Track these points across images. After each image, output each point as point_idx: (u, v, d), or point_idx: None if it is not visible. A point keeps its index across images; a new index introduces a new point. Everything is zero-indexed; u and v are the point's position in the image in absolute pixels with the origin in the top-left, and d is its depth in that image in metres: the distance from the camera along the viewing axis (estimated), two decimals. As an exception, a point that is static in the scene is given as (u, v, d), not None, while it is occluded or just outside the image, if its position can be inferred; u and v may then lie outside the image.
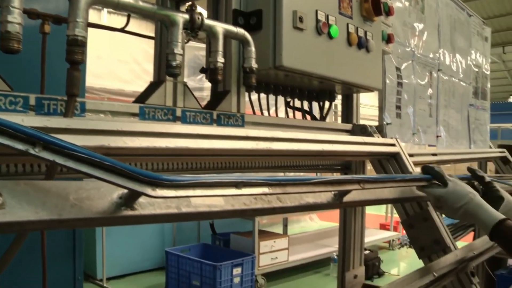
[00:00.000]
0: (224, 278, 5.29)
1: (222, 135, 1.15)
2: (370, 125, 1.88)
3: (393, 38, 2.00)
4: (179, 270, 5.63)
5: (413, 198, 1.56)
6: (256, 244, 5.81)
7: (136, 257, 6.30)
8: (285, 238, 6.31)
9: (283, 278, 6.39)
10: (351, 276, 1.97)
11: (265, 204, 1.00)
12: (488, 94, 3.64)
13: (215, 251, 6.04)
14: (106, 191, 0.83)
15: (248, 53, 1.38)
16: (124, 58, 6.56)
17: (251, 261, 5.61)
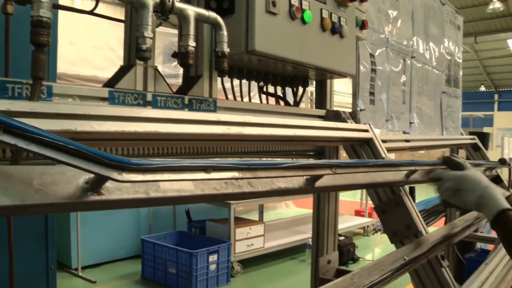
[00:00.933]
0: (200, 265, 5.31)
1: (193, 120, 1.14)
2: (344, 111, 1.88)
3: (367, 25, 2.00)
4: (155, 257, 5.64)
5: (386, 183, 1.58)
6: (232, 231, 5.84)
7: (112, 246, 6.26)
8: (261, 225, 6.35)
9: (259, 265, 6.44)
10: (325, 261, 1.98)
11: (235, 189, 0.99)
12: (460, 82, 3.69)
13: (191, 239, 6.06)
14: (71, 176, 0.81)
15: (220, 37, 1.37)
16: (98, 44, 6.45)
17: (227, 248, 5.64)
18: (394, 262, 1.26)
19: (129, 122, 1.04)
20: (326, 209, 1.98)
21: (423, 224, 1.77)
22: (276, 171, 0.95)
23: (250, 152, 1.50)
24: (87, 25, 6.25)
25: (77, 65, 6.15)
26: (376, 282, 1.11)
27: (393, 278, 1.20)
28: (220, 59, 1.37)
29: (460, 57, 3.71)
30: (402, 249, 1.40)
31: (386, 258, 1.29)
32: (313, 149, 1.89)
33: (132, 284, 5.66)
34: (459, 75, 3.67)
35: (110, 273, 5.95)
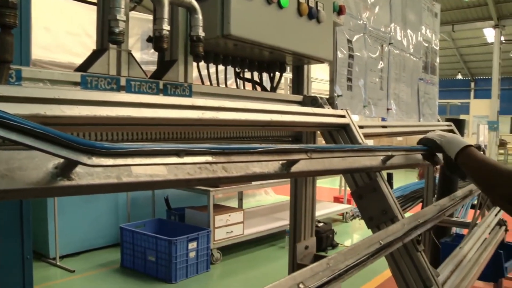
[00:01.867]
0: (180, 253, 5.32)
1: (167, 104, 1.12)
2: (321, 97, 1.88)
3: (344, 10, 1.99)
4: (134, 246, 5.62)
5: (362, 168, 1.58)
6: (211, 218, 5.84)
7: (90, 234, 6.22)
8: (240, 212, 6.36)
9: (239, 252, 6.47)
10: (302, 247, 1.99)
11: (210, 173, 0.98)
12: (437, 69, 3.72)
13: (170, 226, 6.04)
14: (40, 161, 0.79)
15: (195, 21, 1.35)
16: (75, 30, 6.32)
17: (206, 235, 5.64)
18: (369, 247, 1.26)
19: (101, 107, 1.02)
20: (303, 195, 1.98)
21: (399, 209, 1.79)
22: (250, 155, 0.94)
23: (226, 138, 1.49)
24: (63, 10, 6.12)
25: (53, 51, 6.03)
26: (351, 266, 1.12)
27: (368, 262, 1.21)
28: (195, 43, 1.35)
29: (437, 44, 3.73)
30: (377, 234, 1.41)
31: (362, 243, 1.30)
32: (290, 135, 1.88)
33: (111, 272, 5.64)
34: (436, 62, 3.71)
35: (89, 262, 5.91)
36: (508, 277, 4.68)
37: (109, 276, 5.53)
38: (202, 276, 5.58)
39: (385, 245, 1.33)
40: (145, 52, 6.43)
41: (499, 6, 20.41)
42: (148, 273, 5.46)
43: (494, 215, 3.31)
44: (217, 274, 5.76)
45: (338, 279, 1.05)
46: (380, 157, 1.63)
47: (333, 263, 1.12)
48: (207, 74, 1.71)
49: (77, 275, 5.43)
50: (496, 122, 20.29)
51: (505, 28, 21.49)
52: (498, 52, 21.02)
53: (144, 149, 0.80)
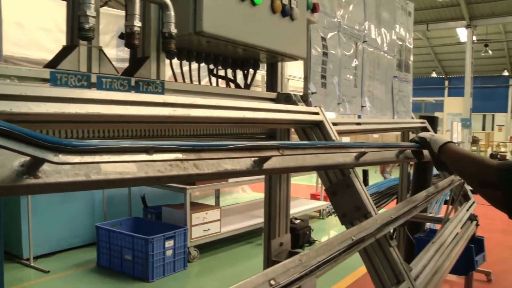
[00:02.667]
0: (157, 251, 5.29)
1: (138, 101, 1.11)
2: (295, 94, 1.88)
3: (318, 8, 2.00)
4: (110, 245, 5.56)
5: (336, 165, 1.60)
6: (188, 216, 5.82)
7: (65, 234, 6.13)
8: (217, 209, 6.35)
9: (216, 249, 6.46)
10: (277, 244, 2.00)
11: (180, 171, 0.98)
12: (411, 67, 3.77)
13: (147, 225, 6.01)
14: (5, 159, 0.78)
15: (167, 18, 1.34)
16: (48, 26, 6.21)
17: (183, 233, 5.62)
18: (341, 243, 1.27)
19: (70, 104, 1.00)
20: (278, 192, 1.99)
21: (373, 205, 1.80)
22: (221, 152, 0.94)
23: (199, 135, 1.48)
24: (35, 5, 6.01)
25: (25, 48, 5.91)
26: (323, 262, 1.13)
27: (340, 258, 1.22)
28: (167, 40, 1.34)
29: (411, 42, 3.78)
30: (350, 230, 1.42)
31: (334, 239, 1.31)
32: (264, 132, 1.89)
33: (87, 272, 5.57)
34: (410, 60, 3.76)
35: (64, 262, 5.82)
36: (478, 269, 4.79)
37: (85, 276, 5.46)
38: (180, 274, 5.56)
39: (357, 241, 1.34)
40: (121, 49, 6.35)
41: (471, 7, 20.84)
42: (124, 272, 5.42)
43: (466, 210, 3.38)
44: (194, 272, 5.74)
45: (309, 275, 1.06)
46: (353, 153, 1.65)
47: (306, 259, 1.12)
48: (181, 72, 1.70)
49: (51, 275, 5.35)
50: (469, 119, 20.69)
51: (477, 28, 21.96)
52: (470, 51, 21.45)
53: (112, 146, 0.79)
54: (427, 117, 3.78)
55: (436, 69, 35.68)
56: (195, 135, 1.47)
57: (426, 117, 3.81)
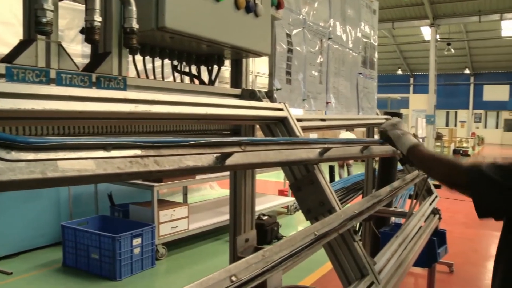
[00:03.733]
0: (124, 249, 5.23)
1: (98, 97, 1.09)
2: (259, 90, 1.89)
3: (283, 4, 2.01)
4: (76, 244, 5.47)
5: (299, 161, 1.60)
6: (155, 214, 5.78)
7: (29, 233, 5.99)
8: (184, 206, 6.33)
9: (184, 247, 6.43)
10: (243, 240, 2.00)
11: (141, 167, 0.97)
12: (376, 64, 3.83)
13: (114, 223, 5.93)
14: (-44, 156, 0.75)
15: (128, 13, 1.32)
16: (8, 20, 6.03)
17: (151, 231, 5.58)
18: (304, 238, 1.28)
19: (27, 100, 0.98)
20: (243, 188, 1.99)
21: (337, 200, 1.83)
22: (181, 149, 0.94)
23: (162, 131, 1.47)
24: (-6, -1, 5.84)
25: (-16, 42, 5.74)
26: (285, 257, 1.13)
27: (303, 253, 1.23)
28: (129, 35, 1.33)
29: (375, 40, 3.84)
30: (314, 225, 1.44)
31: (298, 234, 1.32)
32: (229, 128, 1.88)
33: (52, 272, 5.46)
34: (375, 57, 3.81)
35: (28, 262, 5.69)
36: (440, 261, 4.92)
37: (50, 276, 5.35)
38: (148, 272, 5.51)
39: (320, 236, 1.36)
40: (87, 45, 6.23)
41: (434, 7, 21.34)
42: (91, 271, 5.34)
43: (429, 204, 3.46)
44: (162, 270, 5.71)
45: (271, 271, 1.06)
46: (317, 149, 1.66)
47: (269, 254, 1.13)
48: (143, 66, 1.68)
49: (14, 277, 5.23)
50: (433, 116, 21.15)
51: (440, 27, 22.50)
52: (434, 49, 21.94)
53: (68, 143, 0.78)
54: (391, 113, 3.85)
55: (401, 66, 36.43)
56: (158, 132, 1.46)
57: (391, 113, 3.88)
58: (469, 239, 7.02)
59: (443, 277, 5.54)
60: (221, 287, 0.91)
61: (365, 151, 2.17)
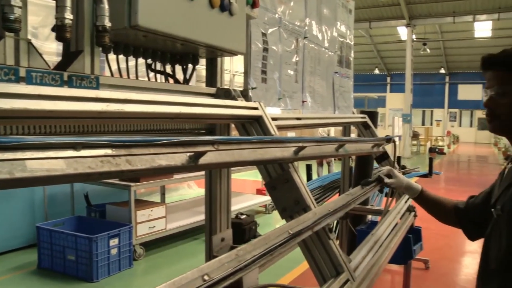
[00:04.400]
0: (101, 250, 5.18)
1: (69, 96, 1.07)
2: (235, 89, 1.88)
3: (258, 3, 2.01)
4: (52, 245, 5.40)
5: (274, 160, 1.61)
6: (133, 214, 5.74)
7: (2, 235, 5.88)
8: (162, 206, 6.29)
9: (162, 247, 6.40)
10: (218, 239, 2.00)
11: (112, 167, 0.96)
12: (352, 63, 3.86)
13: (90, 223, 5.87)
14: None
15: (100, 11, 1.30)
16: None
17: (128, 231, 5.54)
18: (278, 236, 1.29)
19: (-6, 99, 0.96)
20: (218, 187, 1.98)
21: (312, 199, 1.83)
22: (153, 148, 0.93)
23: (136, 131, 1.45)
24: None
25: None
26: (259, 256, 1.13)
27: (277, 251, 1.23)
28: (101, 33, 1.31)
29: (352, 39, 3.87)
30: (288, 224, 1.44)
31: (272, 232, 1.32)
32: (204, 128, 1.87)
33: (27, 275, 5.37)
34: (351, 56, 3.84)
35: (1, 265, 5.59)
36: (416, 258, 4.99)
37: (25, 279, 5.26)
38: (125, 273, 5.47)
39: (294, 234, 1.36)
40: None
41: (410, 7, 21.65)
42: (67, 273, 5.27)
43: (404, 202, 3.50)
44: (140, 270, 5.67)
45: (244, 269, 1.06)
46: (292, 148, 1.67)
47: (242, 253, 1.13)
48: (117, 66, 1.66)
49: (-13, 280, 5.13)
50: (409, 115, 21.42)
51: (416, 27, 22.84)
52: (410, 49, 22.24)
53: (36, 142, 0.77)
54: (367, 112, 3.88)
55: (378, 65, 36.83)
56: (131, 131, 1.45)
57: (367, 112, 3.91)
58: (445, 236, 7.13)
59: (419, 273, 5.63)
60: (193, 286, 0.91)
61: (340, 150, 2.18)
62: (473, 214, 1.88)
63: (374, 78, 37.44)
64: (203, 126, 1.87)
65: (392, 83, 38.12)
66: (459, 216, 1.97)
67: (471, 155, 25.63)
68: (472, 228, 1.91)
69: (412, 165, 7.20)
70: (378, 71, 37.38)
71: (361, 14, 22.25)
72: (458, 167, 20.18)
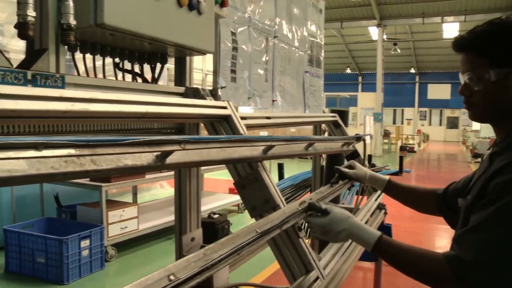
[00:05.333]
0: (72, 252, 5.11)
1: (32, 95, 1.05)
2: (204, 88, 1.88)
3: (227, 2, 2.01)
4: (20, 248, 5.29)
5: (243, 159, 1.61)
6: (104, 215, 5.67)
7: (-34, 239, 5.73)
8: (134, 206, 6.24)
9: (135, 247, 6.35)
10: (188, 239, 1.99)
11: (77, 167, 0.94)
12: (322, 63, 3.89)
13: (61, 225, 5.78)
14: None
15: (65, 8, 1.28)
16: None
17: (100, 232, 5.47)
18: (246, 235, 1.29)
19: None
20: (188, 187, 1.98)
21: (281, 197, 1.84)
22: (118, 147, 0.92)
23: (102, 130, 1.44)
24: None
25: None
26: (226, 255, 1.13)
27: (244, 250, 1.23)
28: (66, 32, 1.29)
29: (322, 39, 3.90)
30: (256, 222, 1.45)
31: (240, 231, 1.33)
32: (173, 127, 1.86)
33: (-7, 279, 5.25)
34: (321, 56, 3.87)
35: (-34, 269, 5.45)
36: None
37: (-9, 283, 5.15)
38: (97, 274, 5.41)
39: (263, 233, 1.37)
40: (29, 41, 6.01)
41: (381, 7, 22.00)
42: (37, 276, 5.18)
43: (375, 199, 3.55)
44: (112, 272, 5.61)
45: (211, 269, 1.06)
46: (260, 147, 1.68)
47: (210, 252, 1.13)
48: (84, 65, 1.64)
49: (-51, 286, 5.00)
50: (380, 114, 21.73)
51: (387, 27, 23.21)
52: (381, 49, 22.58)
53: (-5, 142, 0.75)
54: (338, 111, 3.92)
55: (350, 65, 37.28)
56: (98, 131, 1.43)
57: (337, 111, 3.95)
58: (415, 232, 7.27)
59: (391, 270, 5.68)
60: (159, 286, 0.91)
61: (310, 149, 2.20)
62: (452, 201, 1.75)
63: (346, 77, 37.86)
64: (173, 125, 1.86)
65: (363, 83, 38.63)
66: (439, 203, 1.86)
67: (440, 153, 26.16)
68: (451, 217, 1.78)
69: (383, 163, 7.32)
70: (350, 71, 37.83)
71: (333, 14, 22.48)
72: (428, 165, 20.57)
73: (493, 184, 1.30)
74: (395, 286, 5.24)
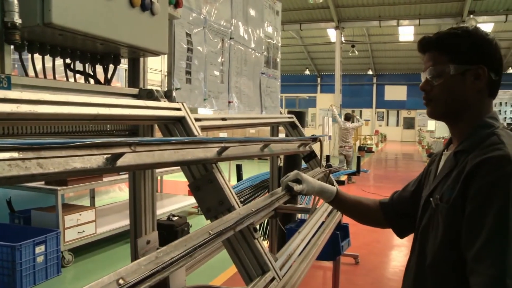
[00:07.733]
0: (25, 259, 4.94)
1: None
2: (158, 90, 1.86)
3: (181, 3, 2.00)
4: (-31, 256, 5.07)
5: (196, 160, 1.60)
6: (60, 219, 5.52)
7: None
8: (91, 210, 6.10)
9: (93, 252, 6.21)
10: (144, 242, 1.97)
11: (21, 171, 0.92)
12: (279, 64, 3.92)
13: (14, 231, 5.57)
14: None
15: (8, 6, 1.24)
16: None
17: (56, 237, 5.32)
18: (199, 237, 1.29)
19: None
20: (143, 189, 1.95)
21: (236, 199, 1.85)
22: (65, 150, 0.90)
23: (51, 133, 1.40)
24: None
25: None
26: (178, 257, 1.13)
27: (197, 252, 1.23)
28: (11, 30, 1.25)
29: (279, 40, 3.93)
30: (210, 224, 1.44)
31: (193, 233, 1.32)
32: (127, 129, 1.84)
33: None
34: (278, 57, 3.90)
35: None
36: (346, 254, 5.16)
37: None
38: (53, 281, 5.25)
39: (216, 235, 1.37)
40: None
41: (339, 10, 22.38)
42: (-13, 285, 4.99)
43: (331, 199, 3.59)
44: (69, 277, 5.47)
45: (162, 272, 1.05)
46: (215, 149, 1.67)
47: (161, 255, 1.12)
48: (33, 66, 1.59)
49: None
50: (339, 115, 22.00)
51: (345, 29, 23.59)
52: (339, 51, 22.93)
53: None
54: (295, 112, 3.96)
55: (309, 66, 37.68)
56: (47, 133, 1.39)
57: (294, 112, 3.99)
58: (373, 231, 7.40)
59: (349, 268, 5.81)
60: (108, 290, 0.89)
61: (265, 150, 2.21)
62: (402, 207, 1.81)
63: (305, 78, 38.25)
64: (126, 127, 1.83)
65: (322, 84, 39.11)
66: (385, 211, 1.88)
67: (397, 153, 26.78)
68: (401, 224, 1.83)
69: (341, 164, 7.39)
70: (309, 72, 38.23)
71: (292, 16, 22.67)
72: (385, 164, 21.03)
73: (477, 186, 1.31)
74: (353, 284, 5.34)
